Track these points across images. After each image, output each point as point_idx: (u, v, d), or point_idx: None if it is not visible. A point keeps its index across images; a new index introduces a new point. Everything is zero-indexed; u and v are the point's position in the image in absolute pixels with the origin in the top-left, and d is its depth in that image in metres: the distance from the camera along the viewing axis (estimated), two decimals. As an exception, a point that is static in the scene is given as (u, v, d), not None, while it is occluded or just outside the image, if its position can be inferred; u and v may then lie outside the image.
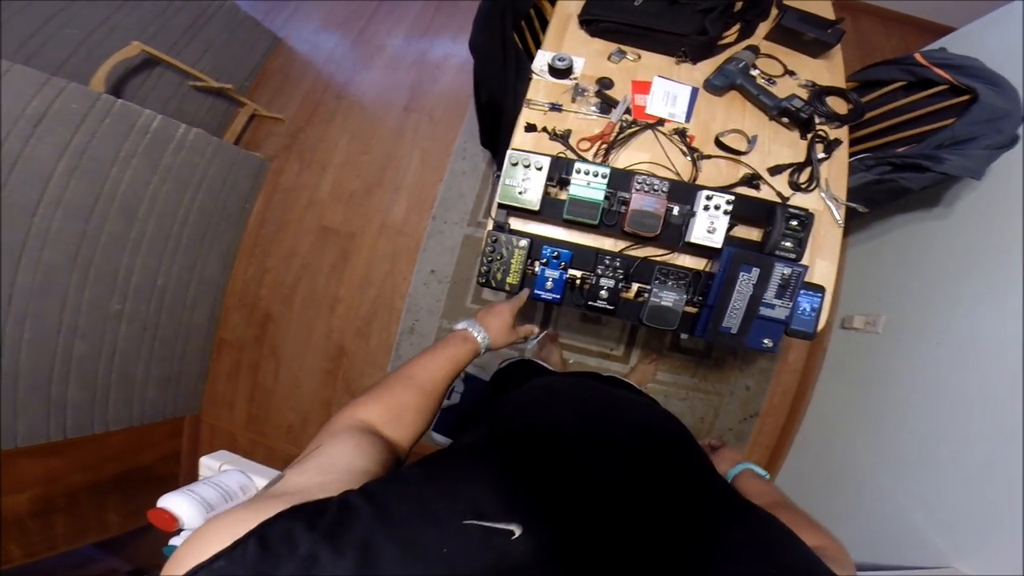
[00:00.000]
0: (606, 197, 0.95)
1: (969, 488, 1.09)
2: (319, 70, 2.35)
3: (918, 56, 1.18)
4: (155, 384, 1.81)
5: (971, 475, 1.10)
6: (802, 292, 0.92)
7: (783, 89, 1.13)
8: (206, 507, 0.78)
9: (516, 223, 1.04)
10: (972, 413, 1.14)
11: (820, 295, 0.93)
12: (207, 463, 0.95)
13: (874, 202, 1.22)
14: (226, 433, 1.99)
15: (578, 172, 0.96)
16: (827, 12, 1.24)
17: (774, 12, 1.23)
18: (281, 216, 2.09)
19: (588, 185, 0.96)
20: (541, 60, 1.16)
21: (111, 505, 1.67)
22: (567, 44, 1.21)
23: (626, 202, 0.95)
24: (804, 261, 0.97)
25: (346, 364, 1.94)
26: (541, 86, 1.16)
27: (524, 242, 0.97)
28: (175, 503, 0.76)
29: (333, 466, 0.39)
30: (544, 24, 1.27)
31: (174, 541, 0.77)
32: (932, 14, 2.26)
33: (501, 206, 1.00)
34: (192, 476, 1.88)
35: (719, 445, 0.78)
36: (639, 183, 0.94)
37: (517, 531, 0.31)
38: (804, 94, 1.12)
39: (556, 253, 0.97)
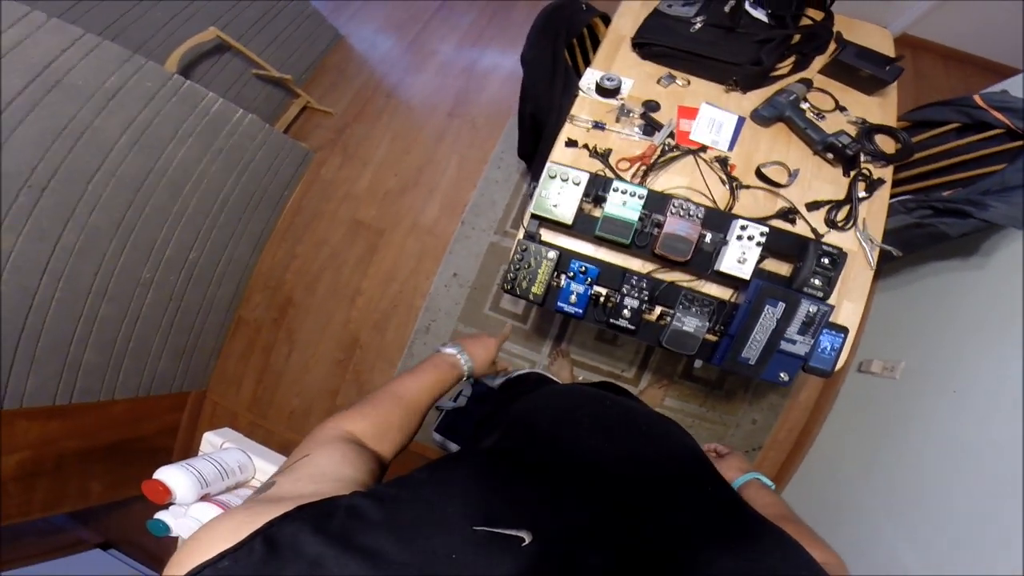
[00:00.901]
0: (640, 218, 0.96)
1: (969, 542, 1.05)
2: (373, 69, 2.43)
3: (977, 98, 1.15)
4: (169, 356, 1.85)
5: (973, 530, 1.06)
6: (825, 331, 0.90)
7: (832, 124, 1.12)
8: (201, 483, 0.78)
9: (547, 235, 1.05)
10: (979, 468, 1.10)
11: (843, 335, 0.91)
12: (210, 439, 0.96)
13: (910, 246, 1.18)
14: (228, 412, 2.00)
15: (615, 191, 0.96)
16: (887, 48, 1.23)
17: (832, 46, 1.22)
18: (317, 206, 2.14)
19: (624, 204, 0.96)
20: (589, 78, 1.18)
21: (96, 474, 1.64)
22: (617, 65, 1.22)
23: (660, 225, 0.95)
24: (831, 300, 0.95)
25: (358, 356, 1.95)
26: (586, 103, 1.17)
27: (553, 254, 0.97)
28: (171, 475, 0.76)
29: (323, 475, 0.39)
30: (596, 43, 1.30)
31: (161, 515, 0.76)
32: (997, 54, 2.20)
33: (534, 216, 1.01)
34: (188, 451, 1.94)
35: (726, 452, 0.76)
36: (675, 207, 0.94)
37: (527, 538, 0.31)
38: (853, 131, 1.10)
39: (584, 268, 0.97)
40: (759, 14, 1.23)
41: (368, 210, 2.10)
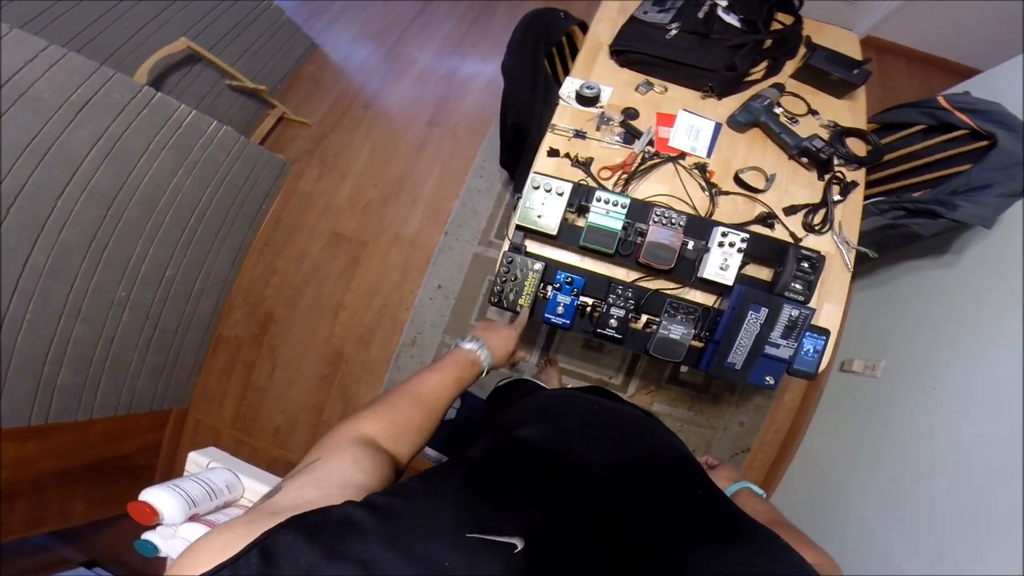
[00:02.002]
0: (623, 227, 0.96)
1: (955, 535, 1.07)
2: (350, 79, 2.41)
3: (940, 99, 1.18)
4: (147, 374, 1.80)
5: (958, 522, 1.08)
6: (807, 334, 0.91)
7: (805, 128, 1.14)
8: (189, 503, 0.76)
9: (532, 246, 1.05)
10: (963, 461, 1.12)
11: (825, 338, 0.93)
12: (195, 459, 0.93)
13: (884, 247, 1.21)
14: (211, 430, 1.96)
15: (598, 200, 0.97)
16: (854, 52, 1.25)
17: (802, 51, 1.25)
18: (296, 219, 2.11)
19: (607, 214, 0.96)
20: (569, 87, 1.18)
21: (78, 494, 1.61)
22: (596, 72, 1.23)
23: (643, 233, 0.95)
24: (812, 303, 0.97)
25: (343, 370, 1.92)
26: (567, 112, 1.17)
27: (539, 265, 0.97)
28: (157, 497, 0.74)
29: (329, 480, 0.39)
30: (575, 51, 1.30)
31: (149, 535, 0.75)
32: (958, 55, 2.27)
33: (519, 228, 1.01)
34: (171, 469, 1.89)
35: (716, 464, 0.76)
36: (657, 215, 0.95)
37: (519, 544, 0.31)
38: (825, 134, 1.13)
39: (570, 279, 0.97)
40: (732, 19, 1.25)
41: (349, 222, 2.07)
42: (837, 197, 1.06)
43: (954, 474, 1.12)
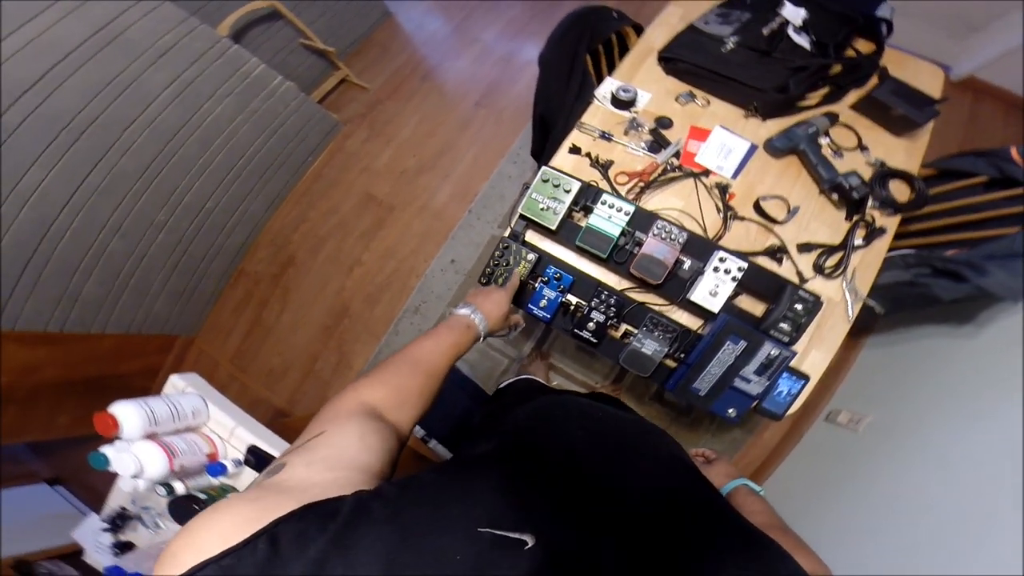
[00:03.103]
0: (622, 234, 0.95)
1: None
2: (415, 50, 2.47)
3: (1013, 150, 1.06)
4: (167, 296, 1.89)
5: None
6: (786, 375, 0.87)
7: (848, 164, 1.06)
8: (151, 421, 0.80)
9: (532, 237, 1.05)
10: (920, 526, 1.06)
11: (803, 382, 0.88)
12: (175, 381, 0.99)
13: (899, 304, 1.12)
14: (211, 361, 2.05)
15: (603, 203, 0.96)
16: (935, 89, 1.14)
17: (873, 81, 1.16)
18: (336, 175, 2.19)
19: (609, 218, 0.95)
20: (606, 87, 1.17)
21: (67, 407, 1.62)
22: (639, 76, 1.20)
23: (640, 244, 0.94)
24: (798, 347, 0.92)
25: (345, 324, 1.98)
26: (599, 112, 1.16)
27: (532, 256, 0.97)
28: (122, 410, 0.78)
29: (339, 460, 0.39)
30: (624, 52, 1.27)
31: (104, 448, 0.78)
32: None
33: (522, 217, 1.02)
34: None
35: (714, 457, 0.75)
36: (658, 229, 0.93)
37: (530, 541, 0.31)
38: (867, 173, 1.05)
39: (559, 275, 0.97)
40: (802, 40, 1.18)
41: (383, 186, 2.13)
42: (859, 242, 0.99)
43: (901, 534, 1.07)
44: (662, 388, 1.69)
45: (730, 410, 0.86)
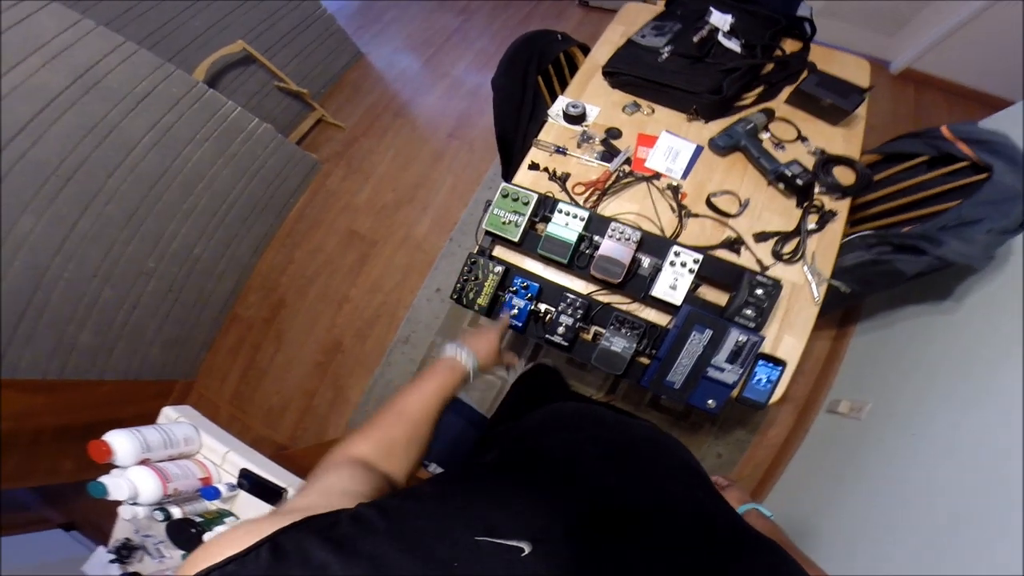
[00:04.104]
0: (580, 239, 0.98)
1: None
2: (387, 87, 2.57)
3: (944, 129, 1.11)
4: (161, 344, 1.92)
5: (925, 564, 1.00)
6: (762, 363, 0.89)
7: (791, 155, 1.11)
8: (143, 447, 0.83)
9: (500, 251, 1.09)
10: (931, 505, 1.05)
11: (780, 368, 0.90)
12: (168, 412, 1.02)
13: (868, 284, 1.14)
14: (211, 404, 2.07)
15: (559, 212, 1.00)
16: (862, 79, 1.21)
17: (804, 76, 1.21)
18: (318, 214, 2.25)
19: (566, 225, 0.99)
20: (558, 105, 1.23)
21: (70, 452, 1.64)
22: (588, 93, 1.27)
23: (597, 247, 0.97)
24: (768, 332, 0.94)
25: (338, 360, 2.01)
26: (553, 129, 1.22)
27: (499, 268, 1.01)
28: (115, 437, 0.82)
29: (332, 489, 0.41)
30: (574, 71, 1.34)
31: (102, 478, 0.81)
32: (1003, 90, 2.11)
33: (487, 233, 1.05)
34: None
35: (727, 484, 0.76)
36: (612, 230, 0.96)
37: (527, 548, 0.32)
38: (810, 162, 1.10)
39: (525, 284, 1.00)
40: (732, 44, 1.25)
41: (364, 221, 2.19)
42: (812, 226, 1.03)
43: (920, 516, 1.06)
44: (658, 395, 1.70)
45: (709, 401, 0.88)
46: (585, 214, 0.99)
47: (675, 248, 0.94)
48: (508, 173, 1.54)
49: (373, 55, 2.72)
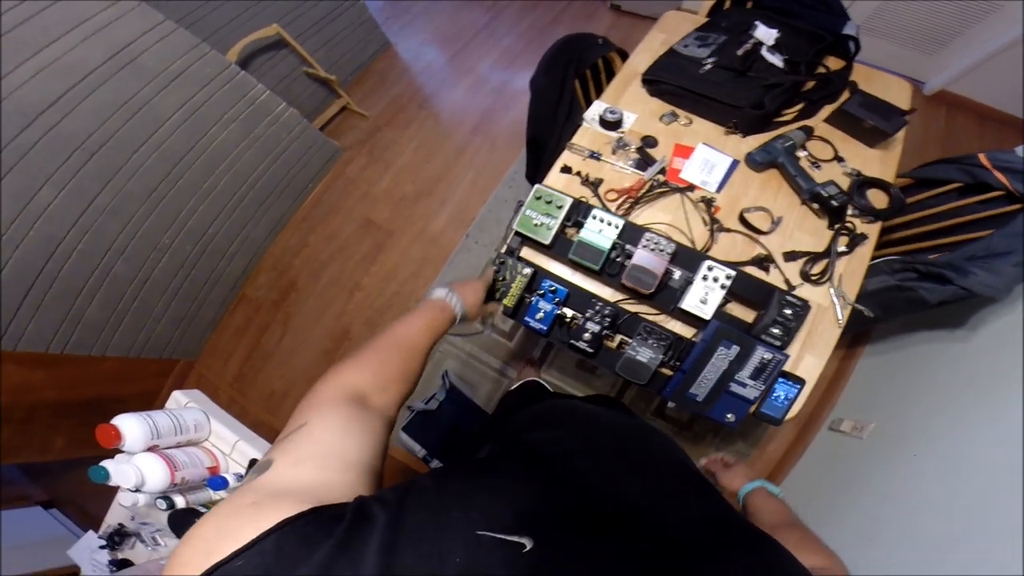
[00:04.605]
0: (613, 247, 0.98)
1: None
2: (413, 79, 2.56)
3: (982, 157, 1.10)
4: (168, 321, 1.91)
5: None
6: (781, 380, 0.89)
7: (826, 175, 1.10)
8: (153, 433, 0.81)
9: (528, 252, 1.08)
10: (928, 526, 1.06)
11: (799, 387, 0.89)
12: (178, 397, 1.00)
13: (891, 310, 1.14)
14: (211, 385, 2.04)
15: (593, 218, 0.99)
16: (903, 101, 1.20)
17: (844, 96, 1.21)
18: (336, 201, 2.25)
19: (599, 232, 0.98)
20: (594, 110, 1.22)
21: (63, 428, 1.61)
22: (625, 99, 1.26)
23: (631, 256, 0.97)
24: (791, 351, 0.94)
25: (346, 347, 1.99)
26: (588, 134, 1.21)
27: (528, 271, 1.00)
28: (125, 422, 0.79)
29: (328, 458, 0.38)
30: (611, 77, 1.34)
31: (105, 462, 0.79)
32: None
33: (517, 234, 1.05)
34: None
35: (732, 462, 0.77)
36: (646, 241, 0.96)
37: (528, 544, 0.32)
38: (845, 183, 1.09)
39: (553, 288, 0.99)
40: (775, 59, 1.24)
41: (382, 211, 2.19)
42: (842, 249, 1.03)
43: (916, 536, 1.06)
44: (663, 403, 1.71)
45: (728, 415, 0.88)
46: (620, 222, 0.98)
47: (708, 263, 0.93)
48: (536, 174, 1.54)
49: (401, 46, 2.71)
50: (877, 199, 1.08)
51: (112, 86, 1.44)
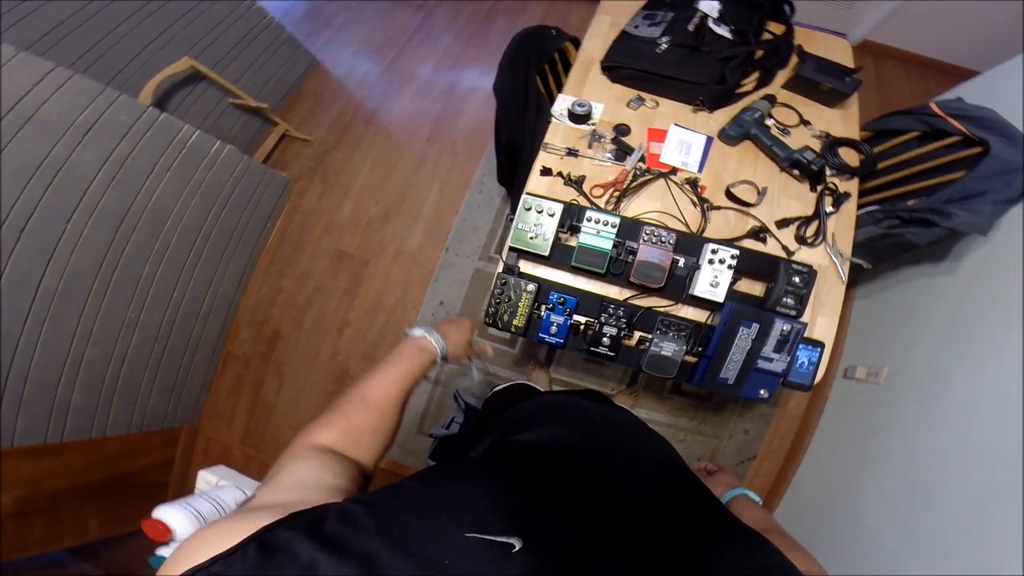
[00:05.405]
0: (614, 246, 0.97)
1: (965, 541, 1.06)
2: (351, 94, 2.44)
3: (933, 106, 1.17)
4: (158, 393, 1.82)
5: (968, 527, 1.06)
6: (802, 346, 0.92)
7: (797, 140, 1.14)
8: (199, 520, 0.80)
9: (526, 266, 1.06)
10: (968, 466, 1.11)
11: (819, 349, 0.93)
12: (205, 477, 0.97)
13: (880, 256, 1.20)
14: (222, 446, 1.99)
15: (588, 220, 0.98)
16: (846, 59, 1.25)
17: (794, 60, 1.25)
18: (299, 237, 2.14)
19: (597, 234, 0.97)
20: (561, 104, 1.20)
21: (92, 510, 1.62)
22: (588, 89, 1.24)
23: (633, 252, 0.96)
24: (805, 317, 0.97)
25: (348, 386, 1.93)
26: (559, 130, 1.19)
27: (532, 286, 0.98)
28: (170, 514, 0.78)
29: (304, 483, 0.39)
30: (568, 68, 1.32)
31: (162, 551, 0.78)
32: (956, 58, 2.24)
33: (512, 248, 1.02)
34: (183, 486, 1.92)
35: (715, 469, 0.77)
36: (647, 234, 0.96)
37: (517, 545, 0.31)
38: (817, 145, 1.13)
39: (562, 299, 0.98)
40: (723, 31, 1.26)
41: (351, 239, 2.10)
42: (830, 209, 1.06)
43: (959, 478, 1.11)
44: (680, 380, 1.73)
45: (761, 391, 0.90)
46: (616, 220, 0.97)
47: (711, 246, 0.94)
48: (512, 179, 1.50)
49: (330, 62, 2.58)
50: (849, 157, 1.12)
51: (17, 149, 1.28)
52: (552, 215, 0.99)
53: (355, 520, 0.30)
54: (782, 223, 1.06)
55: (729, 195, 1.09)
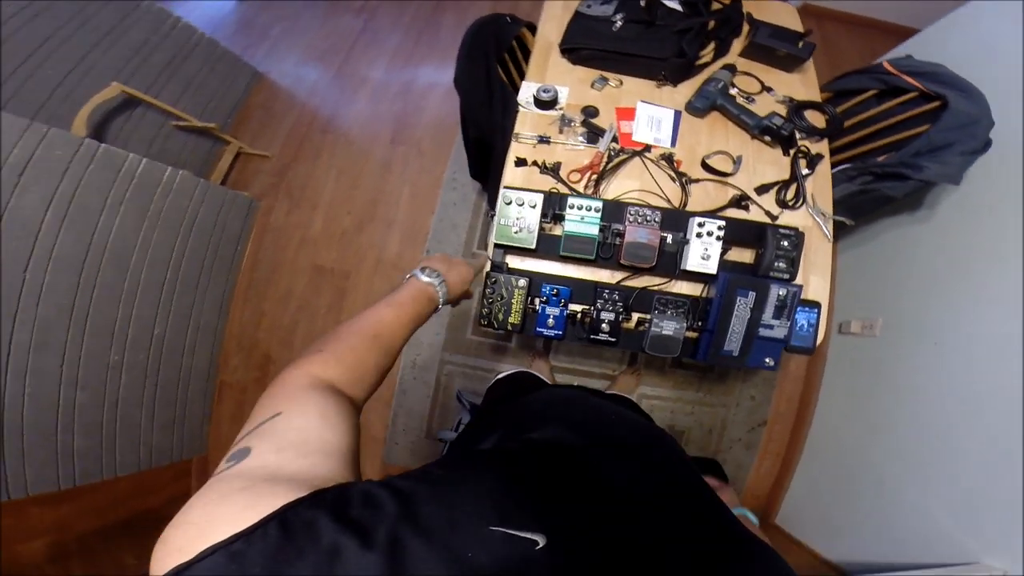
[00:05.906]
0: (600, 230, 0.96)
1: (987, 482, 1.10)
2: (303, 104, 2.35)
3: (886, 64, 1.20)
4: (160, 429, 1.79)
5: (986, 469, 1.10)
6: (798, 309, 0.93)
7: (762, 106, 1.15)
8: None
9: (514, 260, 1.04)
10: (978, 408, 1.15)
11: (816, 310, 0.94)
12: None
13: (860, 211, 1.24)
14: None
15: (571, 207, 0.97)
16: (795, 24, 1.26)
17: (746, 28, 1.26)
18: (273, 257, 2.07)
19: (582, 220, 0.96)
20: (526, 92, 1.18)
21: (125, 547, 1.62)
22: (550, 74, 1.22)
23: (620, 234, 0.96)
24: (798, 279, 0.98)
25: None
26: (528, 118, 1.17)
27: (523, 281, 0.97)
28: None
29: (308, 445, 0.36)
30: (528, 54, 1.29)
31: None
32: (895, 16, 2.30)
33: (498, 246, 1.01)
34: None
35: (717, 486, 0.78)
36: (632, 215, 0.95)
37: (541, 541, 0.31)
38: (783, 110, 1.14)
39: (556, 291, 0.97)
40: (673, 4, 1.25)
41: (328, 253, 2.04)
42: (805, 171, 1.08)
43: (969, 422, 1.15)
44: (684, 357, 1.75)
45: (767, 360, 0.91)
46: (599, 204, 0.96)
47: (697, 219, 0.94)
48: (486, 173, 1.48)
49: (274, 73, 2.47)
50: (815, 119, 1.14)
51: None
52: (534, 206, 0.97)
53: (380, 505, 0.30)
54: (761, 189, 1.07)
55: (706, 167, 1.10)
